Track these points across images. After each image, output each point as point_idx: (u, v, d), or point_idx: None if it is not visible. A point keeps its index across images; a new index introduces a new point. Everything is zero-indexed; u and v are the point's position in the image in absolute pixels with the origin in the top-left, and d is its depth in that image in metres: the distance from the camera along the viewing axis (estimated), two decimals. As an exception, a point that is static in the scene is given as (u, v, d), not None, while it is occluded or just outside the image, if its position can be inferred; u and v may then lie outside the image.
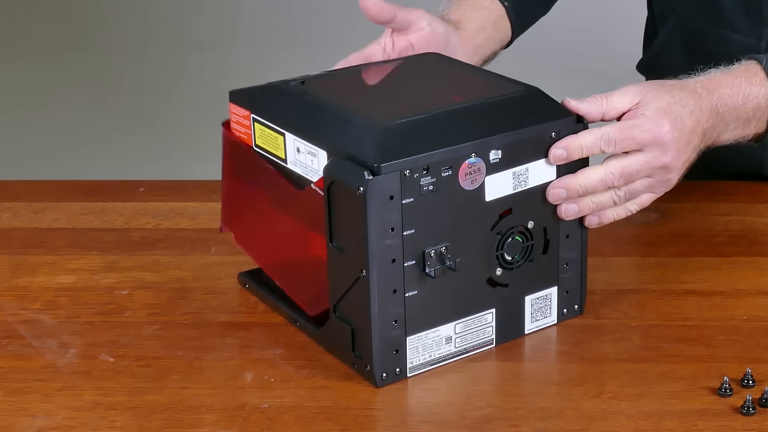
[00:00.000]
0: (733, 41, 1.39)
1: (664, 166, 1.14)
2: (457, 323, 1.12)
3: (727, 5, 1.40)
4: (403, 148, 1.05)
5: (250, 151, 1.19)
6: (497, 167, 1.09)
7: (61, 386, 1.11)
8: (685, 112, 1.16)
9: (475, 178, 1.08)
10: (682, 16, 1.46)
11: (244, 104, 1.19)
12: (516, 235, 1.12)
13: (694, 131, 1.16)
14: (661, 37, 1.49)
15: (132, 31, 3.03)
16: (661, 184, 1.16)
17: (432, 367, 1.11)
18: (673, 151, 1.14)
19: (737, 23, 1.38)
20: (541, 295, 1.16)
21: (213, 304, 1.25)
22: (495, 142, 1.08)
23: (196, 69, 3.00)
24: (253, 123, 1.18)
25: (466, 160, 1.07)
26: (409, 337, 1.09)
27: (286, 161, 1.14)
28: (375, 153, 1.04)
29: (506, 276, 1.13)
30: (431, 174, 1.06)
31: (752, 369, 1.09)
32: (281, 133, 1.14)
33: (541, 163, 1.11)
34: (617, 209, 1.16)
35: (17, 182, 1.57)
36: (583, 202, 1.13)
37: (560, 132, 1.11)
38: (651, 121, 1.13)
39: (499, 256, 1.12)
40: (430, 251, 1.07)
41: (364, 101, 1.17)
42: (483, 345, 1.14)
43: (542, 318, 1.17)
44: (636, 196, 1.16)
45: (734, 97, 1.22)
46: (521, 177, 1.11)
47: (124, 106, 3.07)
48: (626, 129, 1.13)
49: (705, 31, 1.42)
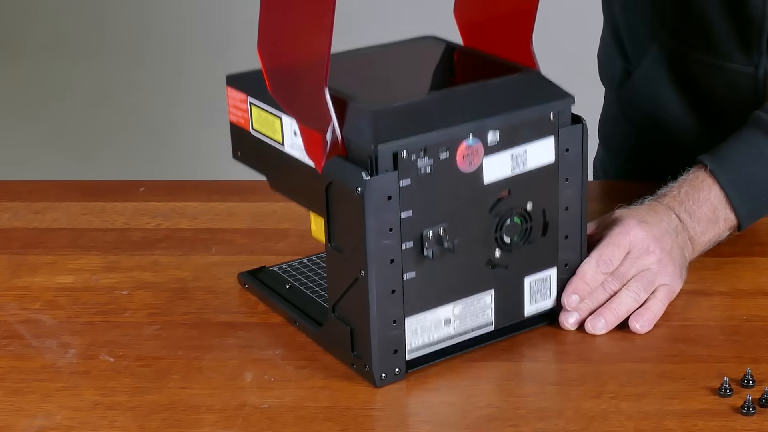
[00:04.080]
0: (726, 70, 1.37)
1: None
2: (456, 305, 1.11)
3: (720, 34, 1.37)
4: (400, 129, 1.04)
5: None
6: (495, 149, 1.09)
7: (61, 386, 1.11)
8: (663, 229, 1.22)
9: (473, 160, 1.08)
10: (666, 44, 1.44)
11: (242, 88, 1.18)
12: (515, 216, 1.12)
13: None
14: (644, 68, 1.48)
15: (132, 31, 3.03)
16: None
17: (431, 348, 1.11)
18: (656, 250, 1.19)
19: (731, 52, 1.37)
20: (541, 277, 1.16)
21: (213, 304, 1.25)
22: (493, 123, 1.08)
23: (196, 69, 2.99)
24: (250, 107, 1.17)
25: (464, 141, 1.07)
26: (407, 319, 1.09)
27: (284, 144, 1.14)
28: (372, 135, 1.03)
29: (505, 258, 1.13)
30: (429, 156, 1.05)
31: (752, 369, 1.09)
32: (278, 116, 1.13)
33: (539, 144, 1.11)
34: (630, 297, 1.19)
35: (17, 182, 1.56)
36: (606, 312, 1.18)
37: (558, 114, 1.11)
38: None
39: (497, 237, 1.11)
40: (428, 233, 1.07)
41: (362, 84, 1.16)
42: (482, 327, 1.14)
43: (542, 300, 1.17)
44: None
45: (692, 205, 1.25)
46: (519, 159, 1.10)
47: (124, 106, 3.07)
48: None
49: (695, 60, 1.40)
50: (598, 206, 1.37)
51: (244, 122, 1.19)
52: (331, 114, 1.05)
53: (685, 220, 1.24)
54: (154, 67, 3.04)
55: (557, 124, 1.12)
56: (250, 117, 1.18)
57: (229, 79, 1.20)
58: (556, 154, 1.12)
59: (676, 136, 1.47)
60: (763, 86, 1.35)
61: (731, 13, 1.34)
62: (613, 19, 1.53)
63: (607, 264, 1.18)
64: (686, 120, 1.45)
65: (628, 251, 1.19)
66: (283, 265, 1.29)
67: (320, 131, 1.07)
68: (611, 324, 1.17)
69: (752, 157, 1.27)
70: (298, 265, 1.29)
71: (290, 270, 1.28)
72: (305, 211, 1.36)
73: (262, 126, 1.17)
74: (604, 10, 1.55)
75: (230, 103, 1.20)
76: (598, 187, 1.51)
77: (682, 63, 1.42)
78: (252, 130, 1.18)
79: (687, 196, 1.25)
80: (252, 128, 1.18)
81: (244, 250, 1.36)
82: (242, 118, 1.19)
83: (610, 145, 1.62)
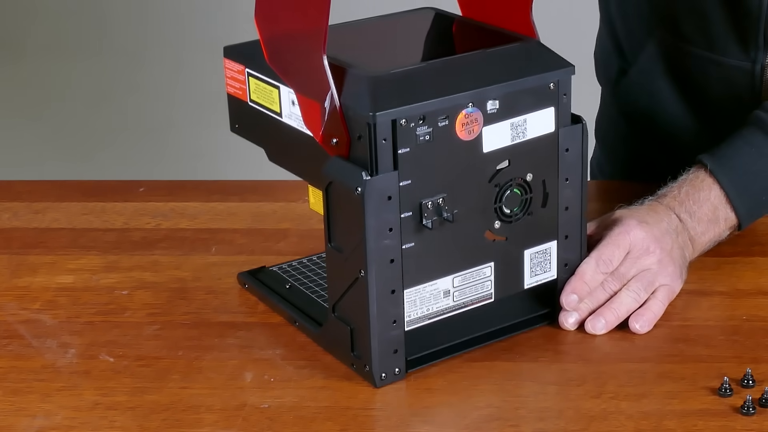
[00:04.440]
0: (724, 65, 1.37)
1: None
2: (456, 276, 1.11)
3: (717, 29, 1.36)
4: (398, 97, 1.04)
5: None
6: (495, 118, 1.08)
7: (61, 386, 1.11)
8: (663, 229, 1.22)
9: (472, 129, 1.07)
10: (662, 40, 1.44)
11: (239, 59, 1.18)
12: (514, 187, 1.11)
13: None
14: (641, 64, 1.48)
15: (132, 32, 3.02)
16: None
17: (430, 321, 1.11)
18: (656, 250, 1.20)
19: (728, 47, 1.36)
20: (541, 249, 1.16)
21: (213, 304, 1.25)
22: (492, 92, 1.07)
23: (196, 69, 2.99)
24: (248, 77, 1.17)
25: (463, 109, 1.06)
26: (406, 290, 1.08)
27: (281, 115, 1.14)
28: (370, 102, 1.03)
29: (505, 229, 1.12)
30: (427, 124, 1.05)
31: (752, 369, 1.09)
32: (276, 86, 1.13)
33: (539, 114, 1.10)
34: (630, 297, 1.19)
35: (17, 182, 1.56)
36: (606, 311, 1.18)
37: (558, 83, 1.11)
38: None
39: (497, 208, 1.11)
40: (427, 202, 1.06)
41: (360, 53, 1.15)
42: (482, 300, 1.13)
43: (542, 273, 1.16)
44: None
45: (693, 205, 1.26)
46: (519, 128, 1.10)
47: (124, 106, 3.07)
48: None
49: (692, 55, 1.40)
50: (597, 206, 1.37)
51: (241, 93, 1.19)
52: (329, 81, 1.04)
53: (686, 220, 1.24)
54: (154, 67, 3.03)
55: (557, 94, 1.11)
56: (248, 88, 1.17)
57: (226, 50, 1.20)
58: (556, 124, 1.12)
59: (673, 132, 1.47)
60: (760, 81, 1.35)
61: (728, 7, 1.34)
62: (609, 17, 1.53)
63: (607, 264, 1.17)
64: (683, 116, 1.45)
65: (628, 251, 1.19)
66: (283, 265, 1.29)
67: (318, 100, 1.06)
68: (611, 324, 1.17)
69: (752, 157, 1.27)
70: (298, 265, 1.29)
71: (290, 270, 1.28)
72: (305, 211, 1.36)
73: (259, 97, 1.16)
74: (601, 9, 1.55)
75: (228, 74, 1.20)
76: (597, 187, 1.51)
77: (679, 59, 1.42)
78: (249, 102, 1.18)
79: (687, 196, 1.25)
80: (249, 99, 1.18)
81: (244, 250, 1.36)
82: (240, 90, 1.19)
83: (607, 143, 1.62)
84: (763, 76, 1.35)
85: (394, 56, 1.14)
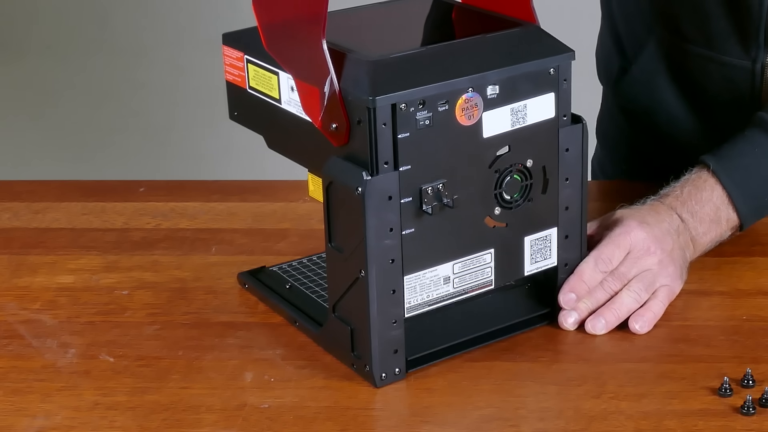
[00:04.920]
0: (724, 64, 1.37)
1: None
2: (456, 263, 1.11)
3: (718, 27, 1.36)
4: (397, 81, 1.03)
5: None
6: (495, 103, 1.08)
7: (61, 386, 1.11)
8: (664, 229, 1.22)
9: (472, 114, 1.07)
10: (663, 38, 1.44)
11: (238, 46, 1.18)
12: (514, 173, 1.11)
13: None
14: (641, 63, 1.48)
15: (133, 32, 3.02)
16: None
17: (429, 308, 1.10)
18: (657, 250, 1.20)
19: (729, 46, 1.36)
20: (541, 236, 1.16)
21: (213, 304, 1.25)
22: (492, 76, 1.07)
23: (196, 69, 2.99)
24: (247, 64, 1.17)
25: (463, 94, 1.06)
26: (406, 277, 1.08)
27: (280, 101, 1.14)
28: (369, 86, 1.02)
29: (505, 215, 1.12)
30: (427, 108, 1.04)
31: (752, 369, 1.09)
32: (275, 72, 1.13)
33: (539, 99, 1.10)
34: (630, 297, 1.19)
35: (17, 182, 1.56)
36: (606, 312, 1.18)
37: (558, 68, 1.10)
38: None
39: (497, 195, 1.11)
40: (426, 188, 1.06)
41: (360, 38, 1.15)
42: (482, 286, 1.13)
43: (542, 260, 1.16)
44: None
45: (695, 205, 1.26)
46: (519, 113, 1.09)
47: (124, 106, 3.07)
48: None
49: (693, 54, 1.40)
50: (597, 206, 1.37)
51: (240, 81, 1.18)
52: (328, 66, 1.04)
53: (687, 220, 1.24)
54: (155, 67, 3.03)
55: (557, 79, 1.11)
56: (247, 75, 1.17)
57: (225, 37, 1.19)
58: (556, 110, 1.11)
59: (673, 131, 1.47)
60: (760, 80, 1.35)
61: (729, 6, 1.34)
62: (611, 16, 1.53)
63: (606, 263, 1.17)
64: (683, 115, 1.45)
65: (628, 252, 1.19)
66: (283, 265, 1.29)
67: (317, 85, 1.06)
68: (611, 324, 1.17)
69: (755, 158, 1.27)
70: (298, 265, 1.29)
71: (290, 270, 1.28)
72: (305, 211, 1.36)
73: (258, 83, 1.16)
74: (602, 7, 1.55)
75: (226, 62, 1.20)
76: (597, 187, 1.51)
77: (680, 57, 1.42)
78: (248, 89, 1.18)
79: (689, 196, 1.25)
80: (248, 86, 1.18)
81: (244, 250, 1.36)
82: (239, 77, 1.19)
83: (607, 142, 1.62)
84: (763, 75, 1.35)
85: (393, 41, 1.14)
